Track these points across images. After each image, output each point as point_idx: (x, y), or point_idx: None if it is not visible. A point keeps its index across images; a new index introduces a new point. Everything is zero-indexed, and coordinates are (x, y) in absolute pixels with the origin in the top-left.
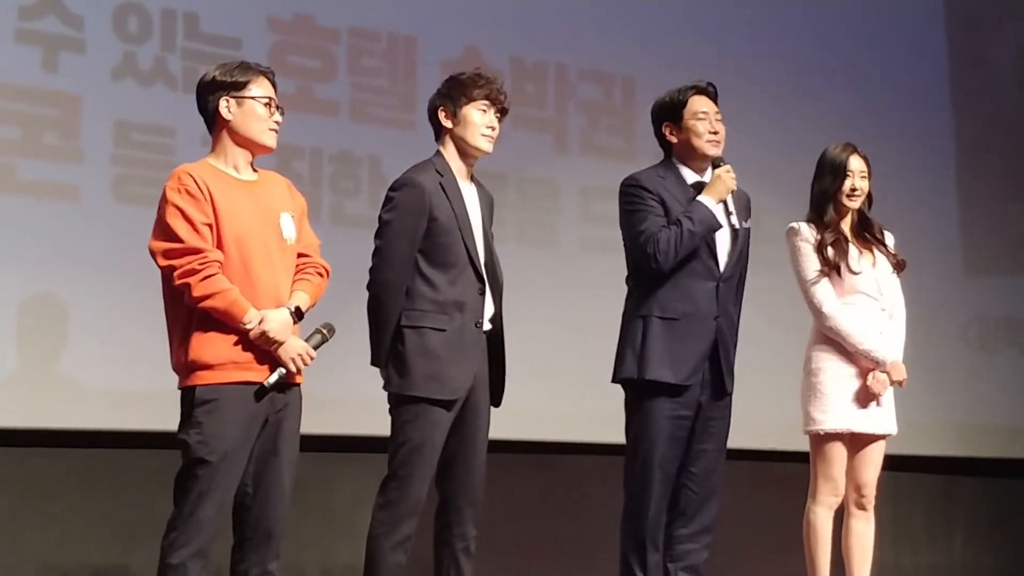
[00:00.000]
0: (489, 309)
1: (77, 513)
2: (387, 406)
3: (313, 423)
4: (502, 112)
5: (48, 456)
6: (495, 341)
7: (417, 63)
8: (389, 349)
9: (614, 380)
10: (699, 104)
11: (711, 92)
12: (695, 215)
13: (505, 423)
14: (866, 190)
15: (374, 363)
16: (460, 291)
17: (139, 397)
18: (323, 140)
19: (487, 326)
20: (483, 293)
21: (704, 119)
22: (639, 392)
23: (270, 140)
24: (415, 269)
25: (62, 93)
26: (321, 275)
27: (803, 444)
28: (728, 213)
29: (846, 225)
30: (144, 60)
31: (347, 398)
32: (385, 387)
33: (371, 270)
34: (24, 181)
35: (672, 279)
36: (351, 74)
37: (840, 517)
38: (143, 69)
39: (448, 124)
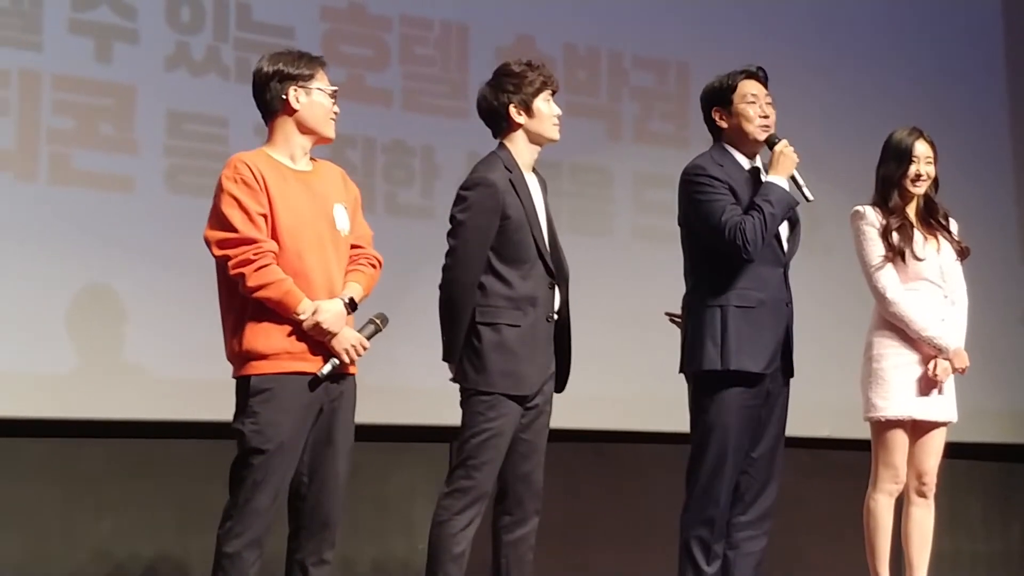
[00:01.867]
0: (558, 301)
1: (132, 503)
2: (443, 396)
3: (368, 412)
4: (554, 95)
5: (102, 446)
6: (562, 330)
7: (469, 52)
8: (464, 345)
9: (689, 371)
10: (749, 88)
11: (761, 76)
12: (772, 196)
13: (562, 411)
14: (932, 175)
15: (446, 358)
16: (532, 286)
17: (194, 387)
18: (376, 129)
19: (555, 317)
20: (553, 287)
21: (754, 103)
22: (717, 382)
23: (332, 131)
24: (488, 266)
25: (116, 84)
26: (374, 266)
27: (859, 431)
28: (799, 187)
29: (911, 210)
30: (197, 50)
31: (402, 388)
32: (459, 381)
33: (445, 268)
34: (79, 171)
35: (745, 267)
36: (403, 63)
37: (900, 504)
38: (196, 59)
39: (521, 119)
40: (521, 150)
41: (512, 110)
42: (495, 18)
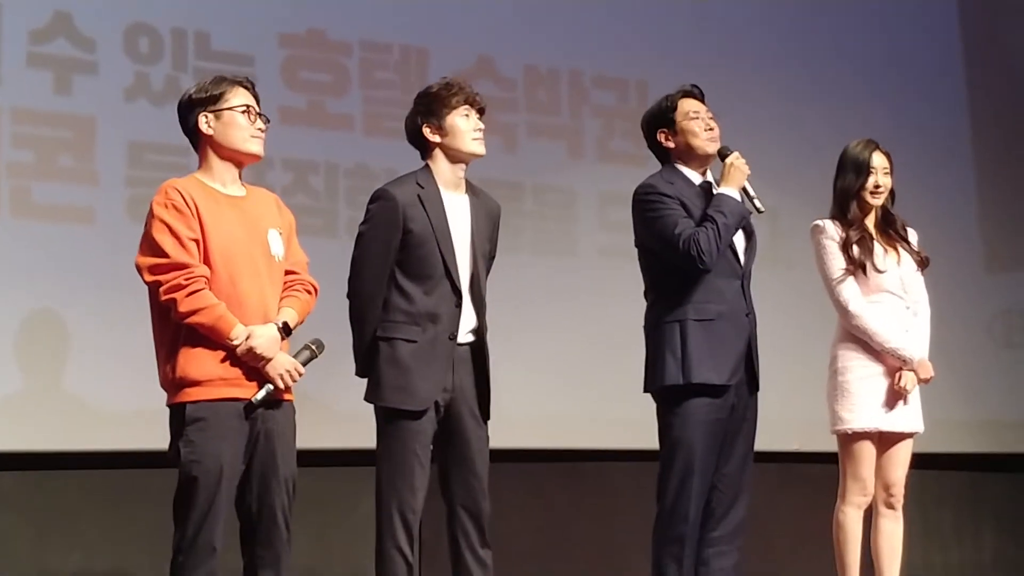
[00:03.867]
0: (469, 322)
1: (101, 535)
2: None
3: (337, 438)
4: (481, 112)
5: (70, 478)
6: (478, 353)
7: (429, 75)
8: (365, 360)
9: (652, 388)
10: (689, 105)
11: (697, 93)
12: (725, 208)
13: (532, 431)
14: (889, 186)
15: (357, 373)
16: (434, 303)
17: (158, 416)
18: (338, 154)
19: (467, 338)
20: (459, 306)
21: (696, 118)
22: (680, 397)
23: (254, 147)
24: (391, 280)
25: (75, 115)
26: (309, 292)
27: (828, 444)
28: (751, 198)
29: (870, 222)
30: (156, 80)
31: (368, 411)
32: (364, 397)
33: (348, 280)
34: (39, 204)
35: (702, 281)
36: (364, 87)
37: (869, 517)
38: (156, 89)
39: (436, 138)
40: (442, 169)
41: (426, 130)
42: (454, 41)
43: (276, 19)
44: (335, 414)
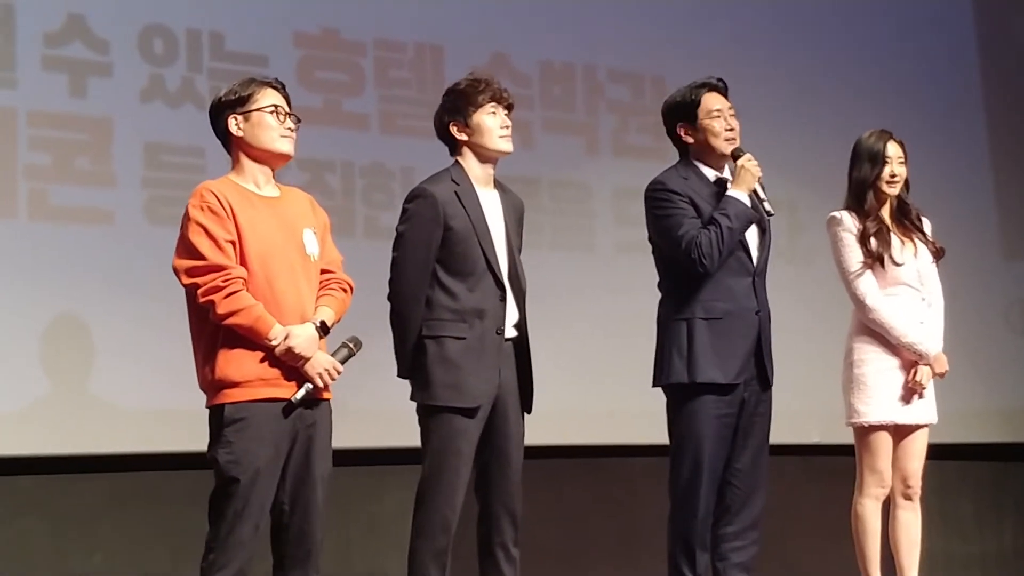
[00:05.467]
0: (513, 316)
1: (120, 537)
2: None
3: (358, 436)
4: (509, 108)
5: (89, 480)
6: (521, 348)
7: (445, 72)
8: (412, 360)
9: (659, 385)
10: (713, 102)
11: (722, 88)
12: (730, 211)
13: (550, 428)
14: (904, 175)
15: (400, 374)
16: (479, 298)
17: (179, 418)
18: (354, 153)
19: (511, 333)
20: (504, 300)
21: (719, 117)
22: (686, 394)
23: (285, 146)
24: (434, 278)
25: (92, 118)
26: (345, 290)
27: (849, 436)
28: (761, 201)
29: (886, 212)
30: (172, 81)
31: (390, 409)
32: (412, 398)
33: (390, 282)
34: (57, 207)
35: (711, 279)
36: (379, 86)
37: (888, 508)
38: (171, 90)
39: (463, 136)
40: (472, 165)
41: (453, 128)
42: (468, 38)
43: (290, 19)
44: (353, 414)
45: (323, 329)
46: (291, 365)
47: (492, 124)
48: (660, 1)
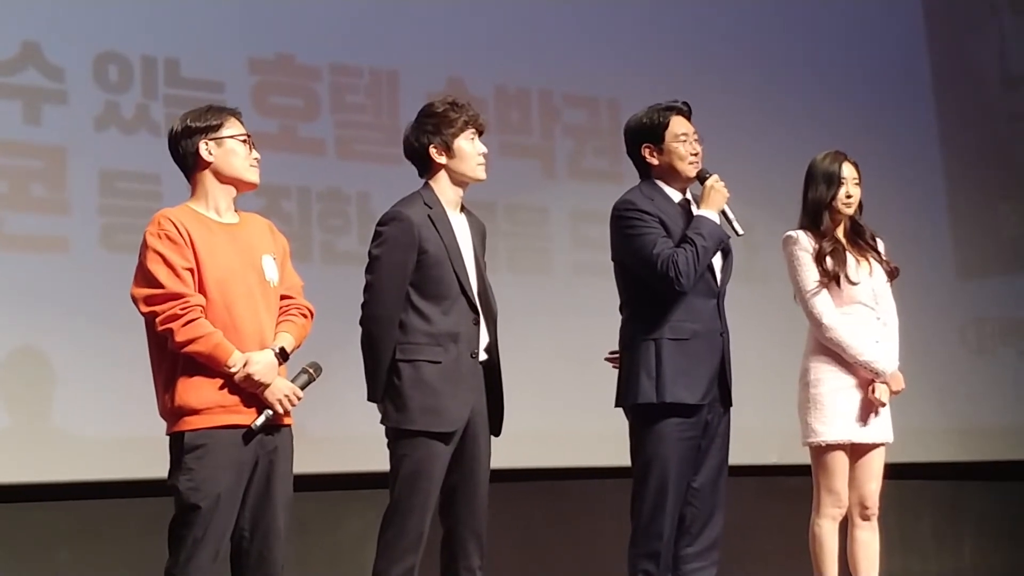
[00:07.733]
0: (484, 339)
1: (80, 565)
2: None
3: (317, 462)
4: (480, 134)
5: (48, 509)
6: (492, 370)
7: (400, 97)
8: (385, 383)
9: (623, 405)
10: (679, 126)
11: (686, 111)
12: (704, 230)
13: (507, 451)
14: (859, 196)
15: (370, 398)
16: (454, 322)
17: (138, 446)
18: (310, 179)
19: (483, 356)
20: (477, 323)
21: (685, 141)
22: (653, 415)
23: (254, 176)
24: (407, 302)
25: (46, 145)
26: (305, 316)
27: (804, 457)
28: (729, 221)
29: (840, 232)
30: (127, 108)
31: (349, 435)
32: (383, 421)
33: (363, 305)
34: (11, 235)
35: (679, 299)
36: (335, 111)
37: (846, 528)
38: (126, 117)
39: (442, 160)
40: (444, 189)
41: (432, 151)
42: (424, 62)
43: (245, 45)
44: (312, 440)
45: (283, 355)
46: (251, 392)
47: (471, 151)
48: (614, 26)
